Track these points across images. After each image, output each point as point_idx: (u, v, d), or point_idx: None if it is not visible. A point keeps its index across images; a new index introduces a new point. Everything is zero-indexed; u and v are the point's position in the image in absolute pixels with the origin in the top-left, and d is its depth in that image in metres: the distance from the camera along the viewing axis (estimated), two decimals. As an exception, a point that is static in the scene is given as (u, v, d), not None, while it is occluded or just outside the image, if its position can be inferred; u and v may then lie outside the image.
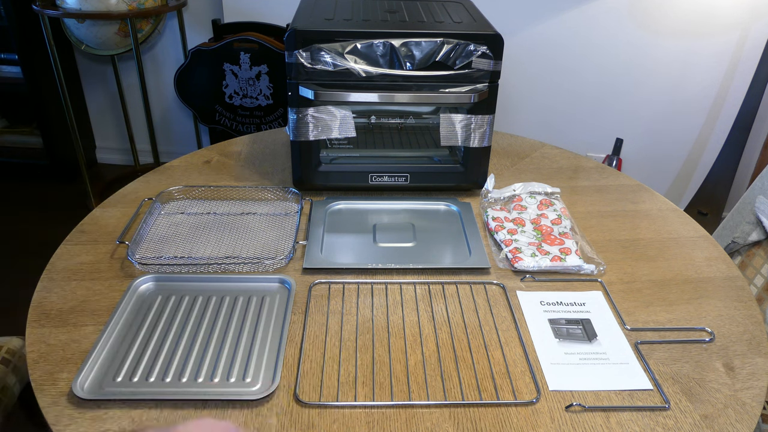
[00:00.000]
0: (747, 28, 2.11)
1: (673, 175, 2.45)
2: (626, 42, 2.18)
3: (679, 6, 2.10)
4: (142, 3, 2.09)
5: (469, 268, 0.96)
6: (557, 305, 0.90)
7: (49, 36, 2.11)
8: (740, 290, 0.94)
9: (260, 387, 0.73)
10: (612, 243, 1.05)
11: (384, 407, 0.72)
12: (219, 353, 0.78)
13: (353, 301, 0.89)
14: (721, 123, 2.27)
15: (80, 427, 0.67)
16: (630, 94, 2.28)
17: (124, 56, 2.47)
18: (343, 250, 1.00)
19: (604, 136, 2.35)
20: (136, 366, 0.76)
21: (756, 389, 0.75)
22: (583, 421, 0.71)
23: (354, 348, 0.80)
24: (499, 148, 1.40)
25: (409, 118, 1.37)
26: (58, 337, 0.80)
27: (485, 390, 0.74)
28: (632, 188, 1.24)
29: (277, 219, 1.08)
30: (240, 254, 0.98)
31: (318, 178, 1.15)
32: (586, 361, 0.79)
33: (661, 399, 0.74)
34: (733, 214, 1.35)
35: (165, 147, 2.73)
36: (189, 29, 2.39)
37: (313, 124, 1.08)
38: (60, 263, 0.95)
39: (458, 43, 1.02)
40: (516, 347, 0.81)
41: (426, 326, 0.84)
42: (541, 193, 1.17)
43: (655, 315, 0.88)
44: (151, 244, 0.99)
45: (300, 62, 1.02)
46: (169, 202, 1.12)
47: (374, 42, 1.01)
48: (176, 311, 0.85)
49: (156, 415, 0.69)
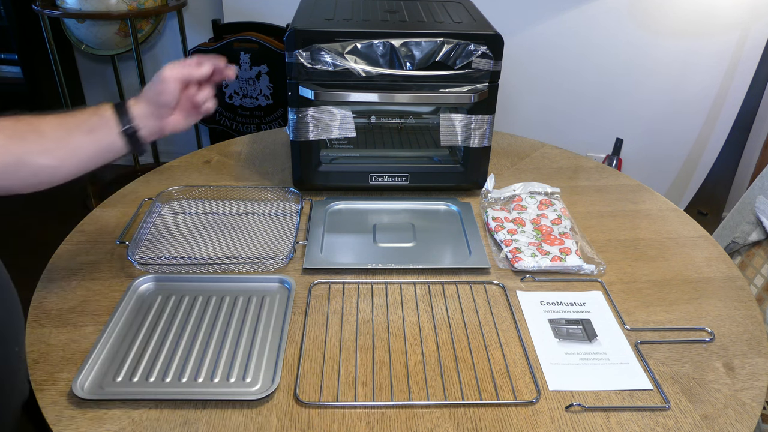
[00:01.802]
0: (747, 28, 2.10)
1: (673, 175, 2.45)
2: (626, 42, 2.18)
3: (679, 6, 2.10)
4: (142, 3, 2.09)
5: (469, 268, 0.96)
6: (557, 305, 0.90)
7: (49, 36, 2.11)
8: (740, 290, 0.94)
9: (260, 387, 0.73)
10: (612, 243, 1.05)
11: (384, 407, 0.72)
12: (219, 353, 0.78)
13: (353, 301, 0.89)
14: (721, 123, 2.27)
15: (80, 427, 0.67)
16: (630, 94, 2.28)
17: (124, 56, 2.46)
18: (343, 250, 1.00)
19: (604, 136, 2.35)
20: (136, 366, 0.76)
21: (756, 389, 0.75)
22: (583, 421, 0.71)
23: (354, 348, 0.80)
24: (499, 148, 1.40)
25: (409, 118, 1.37)
26: (58, 337, 0.80)
27: (485, 390, 0.74)
28: (632, 188, 1.24)
29: (277, 219, 1.08)
30: (240, 254, 0.97)
31: (318, 178, 1.15)
32: (586, 361, 0.79)
33: (661, 399, 0.74)
34: (733, 214, 1.35)
35: (165, 147, 2.73)
36: (189, 29, 2.39)
37: (313, 124, 1.08)
38: (60, 263, 0.95)
39: (458, 43, 1.02)
40: (516, 347, 0.81)
41: (426, 326, 0.84)
42: (541, 193, 1.17)
43: (655, 315, 0.88)
44: (151, 244, 0.99)
45: (300, 62, 1.02)
46: (169, 202, 1.12)
47: (374, 42, 1.01)
48: (176, 311, 0.85)
49: (156, 415, 0.69)
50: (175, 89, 0.79)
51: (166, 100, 0.79)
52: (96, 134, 0.76)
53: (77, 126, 0.75)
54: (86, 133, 0.75)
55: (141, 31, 2.24)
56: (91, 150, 0.76)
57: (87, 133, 0.75)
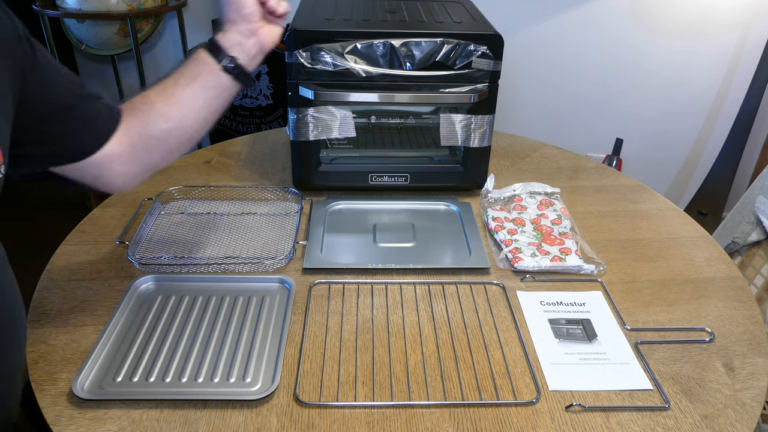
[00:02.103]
0: (747, 28, 2.10)
1: (673, 175, 2.45)
2: (626, 42, 2.18)
3: (679, 6, 2.10)
4: (142, 3, 2.09)
5: (469, 268, 0.96)
6: (557, 305, 0.90)
7: (49, 36, 2.11)
8: (740, 290, 0.94)
9: (260, 387, 0.73)
10: (612, 243, 1.05)
11: (384, 407, 0.72)
12: (219, 353, 0.78)
13: (353, 301, 0.89)
14: (721, 123, 2.27)
15: (80, 427, 0.67)
16: (630, 94, 2.28)
17: (124, 56, 2.46)
18: (343, 250, 1.00)
19: (604, 136, 2.35)
20: (136, 366, 0.76)
21: (756, 389, 0.75)
22: (583, 421, 0.71)
23: (354, 348, 0.80)
24: (499, 148, 1.40)
25: (409, 118, 1.37)
26: (58, 337, 0.80)
27: (485, 390, 0.74)
28: (632, 188, 1.24)
29: (277, 219, 1.08)
30: (240, 254, 0.97)
31: (318, 178, 1.15)
32: (586, 361, 0.79)
33: (661, 399, 0.74)
34: (733, 214, 1.35)
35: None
36: (189, 29, 2.39)
37: (313, 124, 1.08)
38: (60, 263, 0.95)
39: (458, 43, 1.02)
40: (516, 347, 0.81)
41: (426, 326, 0.84)
42: (541, 193, 1.17)
43: (655, 315, 0.88)
44: (151, 244, 0.99)
45: (300, 62, 1.02)
46: (169, 202, 1.12)
47: (374, 42, 1.01)
48: (176, 311, 0.85)
49: (156, 416, 0.69)
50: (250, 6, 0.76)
51: (249, 11, 0.76)
52: (199, 80, 0.76)
53: (177, 81, 0.76)
54: (189, 83, 0.76)
55: (141, 31, 2.24)
56: (201, 97, 0.76)
57: (189, 82, 0.76)
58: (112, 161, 0.73)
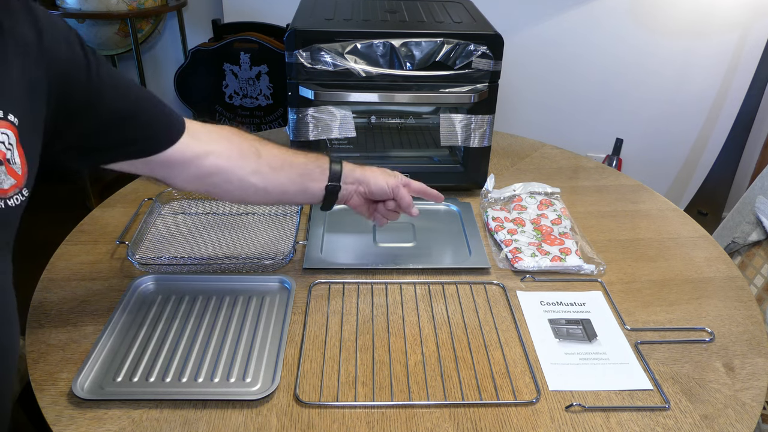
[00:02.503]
0: (747, 28, 2.10)
1: (673, 175, 2.45)
2: (626, 42, 2.18)
3: (679, 6, 2.10)
4: (142, 3, 2.09)
5: (469, 268, 0.96)
6: (557, 305, 0.90)
7: (49, 36, 2.10)
8: (740, 290, 0.94)
9: (260, 387, 0.73)
10: (612, 243, 1.05)
11: (384, 407, 0.72)
12: (219, 353, 0.78)
13: (353, 301, 0.89)
14: (721, 123, 2.27)
15: (80, 427, 0.67)
16: (630, 94, 2.28)
17: (124, 56, 2.46)
18: (343, 250, 1.00)
19: (604, 136, 2.35)
20: (136, 366, 0.76)
21: (756, 389, 0.75)
22: (583, 421, 0.71)
23: (354, 348, 0.80)
24: (499, 148, 1.40)
25: (409, 118, 1.37)
26: (58, 337, 0.80)
27: (485, 390, 0.74)
28: (632, 188, 1.24)
29: (277, 219, 1.08)
30: (240, 254, 0.97)
31: (318, 178, 1.15)
32: (586, 361, 0.79)
33: (661, 399, 0.74)
34: (733, 214, 1.35)
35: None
36: (189, 29, 2.39)
37: (313, 124, 1.08)
38: (60, 263, 0.95)
39: (458, 43, 1.02)
40: (516, 347, 0.81)
41: (426, 326, 0.84)
42: (541, 193, 1.17)
43: (655, 315, 0.88)
44: (151, 244, 0.99)
45: (300, 62, 1.02)
46: (169, 202, 1.12)
47: (374, 42, 1.01)
48: (176, 311, 0.85)
49: (156, 416, 0.69)
50: (387, 193, 0.88)
51: (373, 192, 0.88)
52: (306, 178, 0.84)
53: (292, 164, 0.83)
54: (300, 174, 0.84)
55: (141, 31, 2.24)
56: (295, 189, 0.84)
57: (301, 174, 0.84)
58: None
